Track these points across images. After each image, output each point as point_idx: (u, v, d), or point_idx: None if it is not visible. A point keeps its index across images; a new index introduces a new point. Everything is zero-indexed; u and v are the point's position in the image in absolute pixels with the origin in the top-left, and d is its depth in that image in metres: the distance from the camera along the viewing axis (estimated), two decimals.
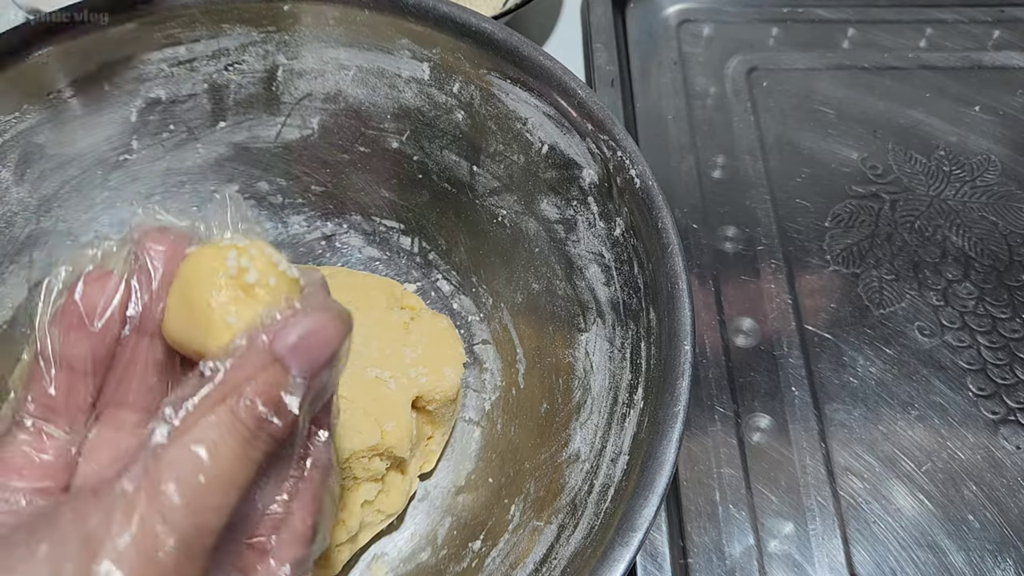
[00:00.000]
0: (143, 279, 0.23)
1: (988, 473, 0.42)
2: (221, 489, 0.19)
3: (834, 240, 0.50)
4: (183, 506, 0.19)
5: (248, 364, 0.20)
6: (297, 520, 0.22)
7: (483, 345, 0.43)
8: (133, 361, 0.23)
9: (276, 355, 0.20)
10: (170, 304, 0.23)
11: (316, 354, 0.21)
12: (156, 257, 0.23)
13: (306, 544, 0.23)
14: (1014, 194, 0.53)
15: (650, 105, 0.56)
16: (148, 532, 0.18)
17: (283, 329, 0.21)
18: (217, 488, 0.19)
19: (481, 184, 0.40)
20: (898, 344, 0.46)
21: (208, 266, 0.22)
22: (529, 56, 0.36)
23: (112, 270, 0.23)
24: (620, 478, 0.30)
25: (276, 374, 0.20)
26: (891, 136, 0.55)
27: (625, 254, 0.35)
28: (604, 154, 0.35)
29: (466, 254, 0.43)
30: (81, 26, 0.36)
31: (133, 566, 0.18)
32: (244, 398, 0.20)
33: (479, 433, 0.41)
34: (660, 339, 0.32)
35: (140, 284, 0.23)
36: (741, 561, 0.39)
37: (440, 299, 0.44)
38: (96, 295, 0.22)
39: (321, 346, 0.21)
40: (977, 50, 0.60)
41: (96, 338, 0.22)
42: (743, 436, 0.43)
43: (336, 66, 0.40)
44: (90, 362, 0.22)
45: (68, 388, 0.22)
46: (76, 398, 0.22)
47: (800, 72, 0.58)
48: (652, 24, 0.61)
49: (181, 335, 0.22)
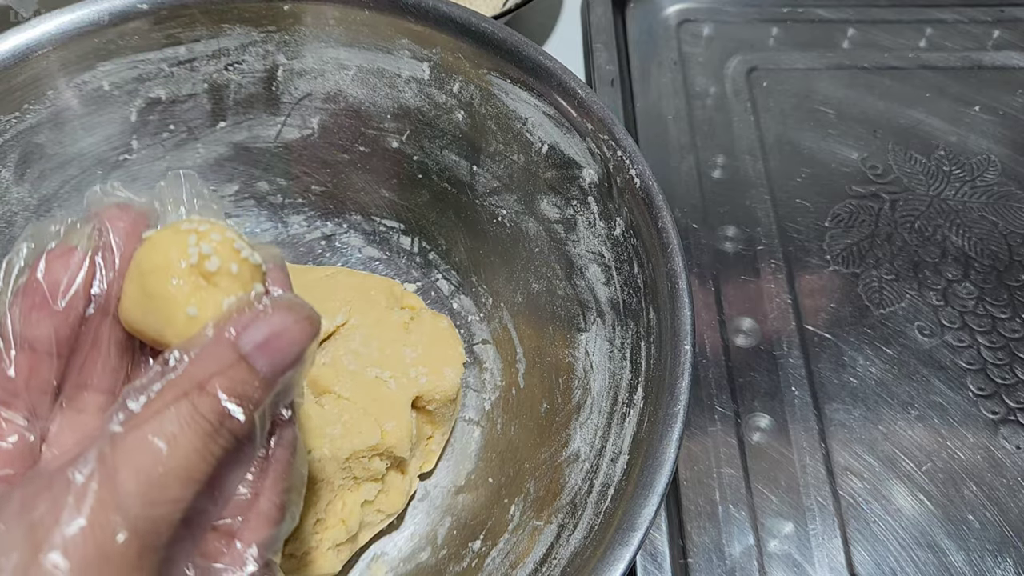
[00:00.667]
0: (107, 256, 0.22)
1: (988, 473, 0.42)
2: (178, 482, 0.19)
3: (834, 240, 0.50)
4: (138, 496, 0.18)
5: (212, 358, 0.20)
6: (263, 500, 0.22)
7: (483, 345, 0.43)
8: (97, 341, 0.22)
9: (242, 352, 0.20)
10: (127, 290, 0.22)
11: (282, 355, 0.20)
12: (118, 234, 0.22)
13: (273, 524, 0.22)
14: (1014, 194, 0.53)
15: (650, 105, 0.56)
16: (100, 522, 0.18)
17: (250, 326, 0.20)
18: (174, 481, 0.19)
19: (481, 184, 0.40)
20: (898, 344, 0.46)
21: (167, 253, 0.21)
22: (529, 56, 0.36)
23: (76, 246, 0.22)
24: (620, 478, 0.30)
25: (241, 372, 0.20)
26: (891, 136, 0.55)
27: (625, 254, 0.35)
28: (604, 154, 0.35)
29: (466, 254, 0.43)
30: (81, 26, 0.36)
31: (83, 556, 0.17)
32: (207, 394, 0.19)
33: (479, 433, 0.41)
34: (660, 339, 0.32)
35: (104, 261, 0.22)
36: (741, 561, 0.39)
37: (440, 299, 0.44)
38: (59, 272, 0.21)
39: (288, 346, 0.20)
40: (977, 50, 0.60)
41: (60, 317, 0.21)
42: (743, 436, 0.43)
43: (336, 66, 0.40)
44: (54, 343, 0.21)
45: (29, 370, 0.21)
46: (38, 381, 0.21)
47: (800, 72, 0.58)
48: (652, 24, 0.61)
49: (139, 322, 0.22)
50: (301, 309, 0.21)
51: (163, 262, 0.21)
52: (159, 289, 0.21)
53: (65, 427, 0.22)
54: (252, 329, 0.20)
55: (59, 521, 0.17)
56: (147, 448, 0.18)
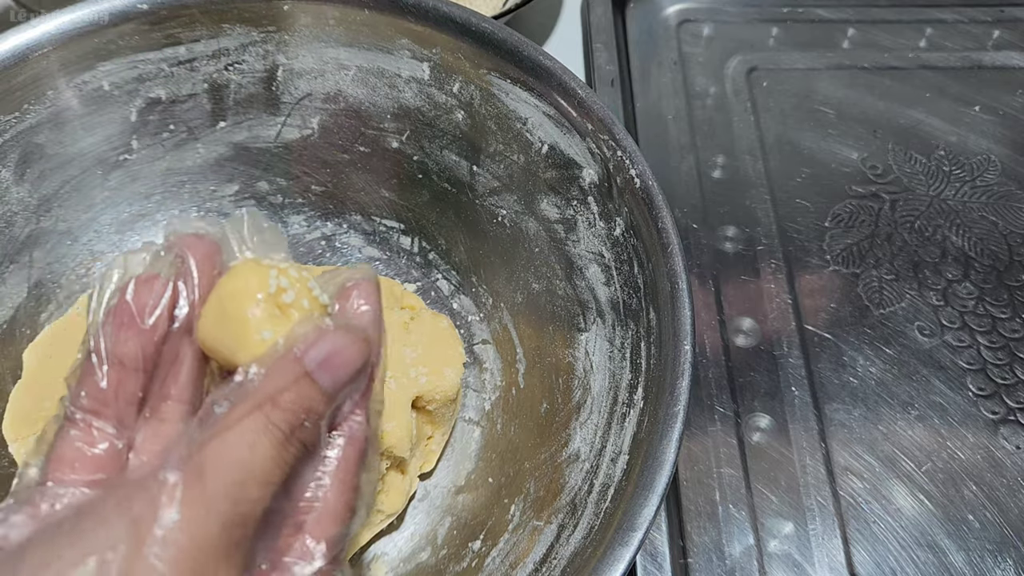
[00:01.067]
0: (188, 281, 0.24)
1: (988, 473, 0.42)
2: (257, 484, 0.21)
3: (834, 240, 0.50)
4: (223, 496, 0.20)
5: (281, 374, 0.22)
6: (332, 496, 0.24)
7: (483, 345, 0.43)
8: (178, 359, 0.24)
9: (306, 368, 0.22)
10: (206, 312, 0.24)
11: (340, 372, 0.23)
12: (196, 261, 0.24)
13: (341, 522, 0.24)
14: (1014, 194, 0.53)
15: (650, 105, 0.56)
16: (192, 518, 0.20)
17: (313, 346, 0.22)
18: (253, 483, 0.21)
19: (481, 184, 0.40)
20: (898, 344, 0.46)
21: (248, 281, 0.23)
22: (529, 56, 0.36)
23: (159, 273, 0.24)
24: (620, 478, 0.30)
25: (306, 387, 0.22)
26: (891, 136, 0.55)
27: (625, 254, 0.35)
28: (604, 154, 0.35)
29: (466, 254, 0.43)
30: (81, 26, 0.36)
31: (181, 548, 0.19)
32: (279, 407, 0.21)
33: (479, 433, 0.41)
34: (660, 339, 0.32)
35: (185, 285, 0.24)
36: (741, 561, 0.39)
37: (440, 299, 0.44)
38: (146, 295, 0.24)
39: (344, 365, 0.23)
40: (977, 50, 0.60)
41: (146, 336, 0.24)
42: (743, 436, 0.43)
43: (336, 66, 0.40)
44: (140, 359, 0.24)
45: (118, 384, 0.23)
46: (126, 393, 0.24)
47: (800, 72, 0.58)
48: (652, 24, 0.61)
49: (214, 342, 0.24)
50: (356, 330, 0.24)
51: (244, 289, 0.23)
52: (237, 313, 0.23)
53: (149, 435, 0.24)
54: (314, 348, 0.22)
55: (157, 517, 0.19)
56: (230, 453, 0.21)
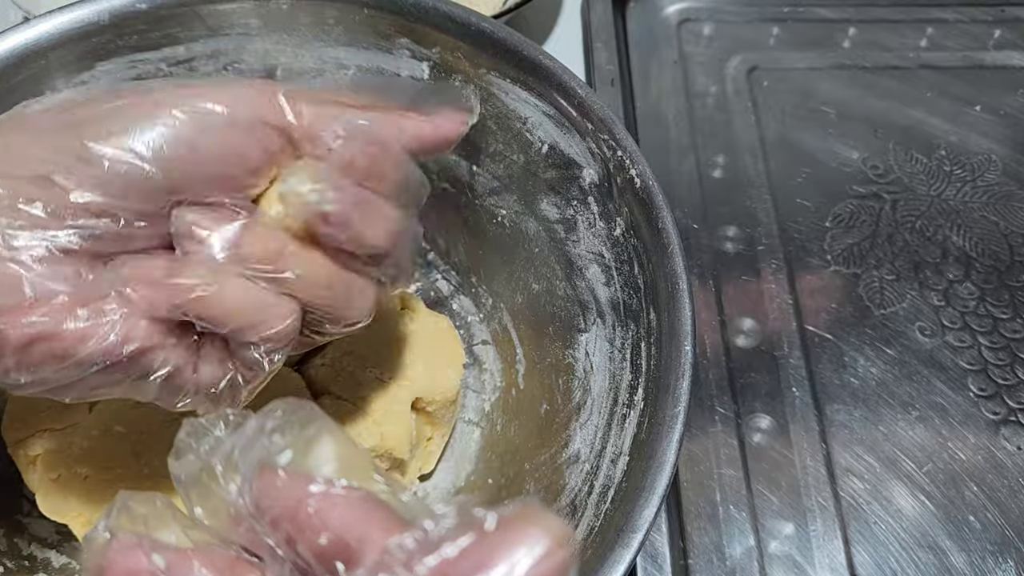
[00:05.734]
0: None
1: (989, 474, 0.42)
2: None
3: (835, 240, 0.50)
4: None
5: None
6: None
7: (483, 345, 0.42)
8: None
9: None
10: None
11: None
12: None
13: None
14: (1015, 194, 0.52)
15: (650, 105, 0.56)
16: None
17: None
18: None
19: (481, 184, 0.40)
20: (899, 344, 0.46)
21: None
22: (529, 56, 0.36)
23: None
24: (620, 479, 0.30)
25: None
26: (892, 136, 0.55)
27: (625, 254, 0.35)
28: (604, 154, 0.34)
29: (466, 254, 0.43)
30: (80, 26, 0.36)
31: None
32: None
33: (479, 434, 0.40)
34: (660, 339, 0.32)
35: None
36: (741, 562, 0.39)
37: (440, 299, 0.44)
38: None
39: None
40: (978, 50, 0.60)
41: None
42: (743, 437, 0.43)
43: (335, 65, 0.40)
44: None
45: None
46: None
47: (801, 72, 0.58)
48: (652, 24, 0.61)
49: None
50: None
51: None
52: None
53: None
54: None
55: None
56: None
